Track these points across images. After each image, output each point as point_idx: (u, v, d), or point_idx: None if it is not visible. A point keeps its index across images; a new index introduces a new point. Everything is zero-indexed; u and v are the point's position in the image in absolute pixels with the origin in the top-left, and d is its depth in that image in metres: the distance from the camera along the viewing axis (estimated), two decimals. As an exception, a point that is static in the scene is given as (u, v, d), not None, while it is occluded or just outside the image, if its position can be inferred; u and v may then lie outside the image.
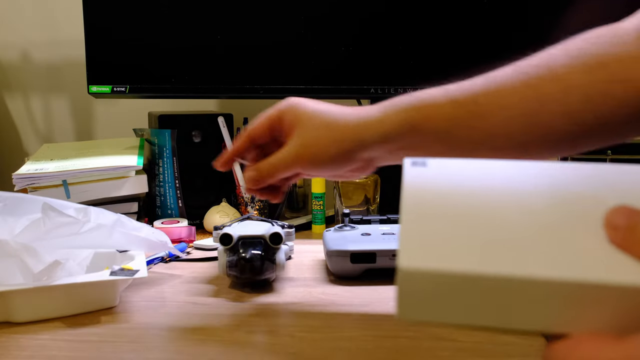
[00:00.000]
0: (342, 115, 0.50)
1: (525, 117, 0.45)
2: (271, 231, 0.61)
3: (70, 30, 1.15)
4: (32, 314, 0.52)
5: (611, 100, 0.43)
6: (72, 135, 1.19)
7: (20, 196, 0.61)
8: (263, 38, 0.88)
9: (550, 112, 0.44)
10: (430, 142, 0.48)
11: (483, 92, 0.46)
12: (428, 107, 0.47)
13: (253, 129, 0.55)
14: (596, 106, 0.43)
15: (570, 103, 0.44)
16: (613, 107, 0.43)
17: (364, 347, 0.47)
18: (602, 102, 0.43)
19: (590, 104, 0.43)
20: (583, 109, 0.43)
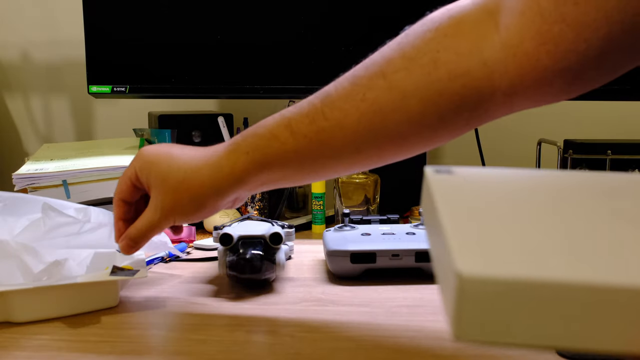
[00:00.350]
0: (194, 168, 0.50)
1: (370, 132, 0.44)
2: (271, 231, 0.61)
3: (70, 30, 1.15)
4: (32, 314, 0.52)
5: (450, 99, 0.41)
6: (72, 135, 1.19)
7: (20, 196, 0.61)
8: (263, 38, 0.88)
9: (395, 122, 0.43)
10: (287, 172, 0.49)
11: (323, 116, 0.46)
12: (270, 146, 0.47)
13: (120, 192, 0.56)
14: (438, 107, 0.42)
15: (411, 109, 0.42)
16: (452, 106, 0.42)
17: (364, 347, 0.47)
18: (442, 103, 0.42)
19: (432, 106, 0.42)
20: (425, 112, 0.42)
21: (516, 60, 0.38)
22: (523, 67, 0.38)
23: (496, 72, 0.40)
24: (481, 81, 0.40)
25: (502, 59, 0.39)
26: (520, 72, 0.38)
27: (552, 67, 0.37)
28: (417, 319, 0.53)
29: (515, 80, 0.39)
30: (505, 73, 0.39)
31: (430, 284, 0.63)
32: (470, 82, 0.40)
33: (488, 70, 0.40)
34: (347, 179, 0.87)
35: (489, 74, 0.40)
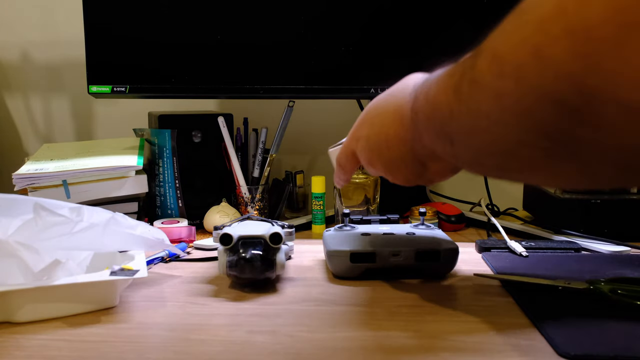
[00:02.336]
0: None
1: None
2: (271, 231, 0.61)
3: (70, 30, 1.15)
4: (32, 314, 0.52)
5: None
6: (72, 135, 1.19)
7: (12, 197, 0.61)
8: (263, 38, 0.88)
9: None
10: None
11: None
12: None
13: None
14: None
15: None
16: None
17: (364, 347, 0.47)
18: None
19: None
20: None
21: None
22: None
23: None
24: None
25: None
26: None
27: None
28: (417, 319, 0.53)
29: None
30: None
31: (430, 284, 0.63)
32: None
33: None
34: (347, 179, 0.87)
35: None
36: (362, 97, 0.96)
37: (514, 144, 0.30)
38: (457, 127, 0.35)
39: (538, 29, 0.26)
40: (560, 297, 0.57)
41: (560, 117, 0.26)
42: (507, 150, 0.31)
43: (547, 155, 0.30)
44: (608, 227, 0.82)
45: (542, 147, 0.29)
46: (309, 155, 1.17)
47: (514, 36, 0.28)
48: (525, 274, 0.63)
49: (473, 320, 0.52)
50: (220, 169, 0.93)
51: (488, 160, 0.34)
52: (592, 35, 0.23)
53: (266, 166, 0.92)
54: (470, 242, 0.81)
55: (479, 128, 0.32)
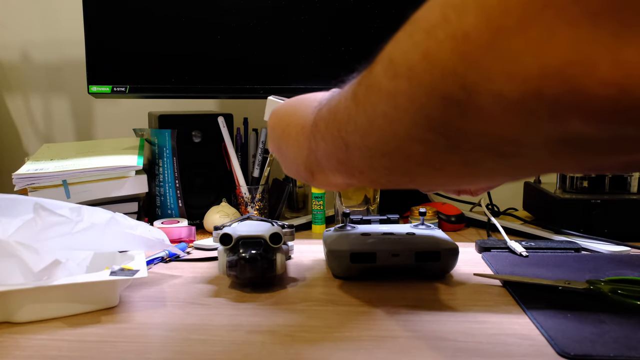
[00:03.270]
0: None
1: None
2: (271, 231, 0.61)
3: (70, 30, 1.15)
4: (32, 314, 0.52)
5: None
6: (72, 135, 1.19)
7: (13, 197, 0.61)
8: (263, 38, 0.88)
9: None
10: None
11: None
12: None
13: None
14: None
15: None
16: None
17: (364, 347, 0.47)
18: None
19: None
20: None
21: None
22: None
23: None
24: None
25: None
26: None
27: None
28: (417, 319, 0.53)
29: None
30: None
31: (430, 284, 0.63)
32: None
33: None
34: (347, 179, 0.87)
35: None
36: (362, 97, 0.96)
37: (405, 140, 0.34)
38: (354, 129, 0.38)
39: (427, 35, 0.30)
40: (560, 297, 0.57)
41: (446, 111, 0.30)
42: (398, 147, 0.35)
43: (433, 149, 0.33)
44: (608, 227, 0.82)
45: (427, 139, 0.33)
46: (309, 155, 1.17)
47: (407, 42, 0.32)
48: (525, 274, 0.63)
49: (473, 320, 0.52)
50: (220, 169, 0.93)
51: (379, 162, 0.38)
52: (470, 38, 0.27)
53: (266, 166, 0.92)
54: (470, 242, 0.81)
55: (374, 128, 0.36)
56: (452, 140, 0.32)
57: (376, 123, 0.35)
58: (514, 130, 0.29)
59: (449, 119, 0.30)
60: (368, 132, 0.37)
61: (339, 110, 0.40)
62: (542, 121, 0.27)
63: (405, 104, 0.32)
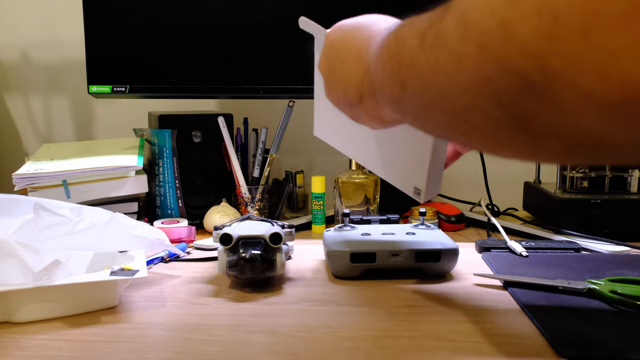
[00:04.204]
0: None
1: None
2: (271, 231, 0.61)
3: (70, 30, 1.15)
4: (32, 314, 0.52)
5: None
6: (72, 135, 1.19)
7: (13, 197, 0.61)
8: (263, 38, 0.88)
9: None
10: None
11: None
12: None
13: None
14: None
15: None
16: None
17: (364, 347, 0.47)
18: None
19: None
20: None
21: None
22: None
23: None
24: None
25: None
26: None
27: None
28: (417, 319, 0.53)
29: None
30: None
31: (430, 284, 0.63)
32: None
33: None
34: (347, 179, 0.87)
35: None
36: (362, 97, 0.96)
37: (467, 107, 0.30)
38: (414, 75, 0.34)
39: (509, 2, 0.26)
40: (560, 297, 0.57)
41: (519, 91, 0.26)
42: (457, 111, 0.31)
43: (498, 125, 0.29)
44: (608, 227, 0.82)
45: (494, 115, 0.29)
46: (309, 155, 1.17)
47: (485, 4, 0.27)
48: (525, 274, 0.63)
49: (473, 320, 0.52)
50: (220, 169, 0.93)
51: (435, 116, 0.34)
52: (559, 17, 0.23)
53: (266, 166, 0.92)
54: (470, 242, 0.81)
55: (435, 82, 0.32)
56: (521, 121, 0.28)
57: (438, 78, 0.31)
58: (601, 130, 0.25)
59: (520, 99, 0.27)
60: (428, 84, 0.33)
61: (405, 46, 0.36)
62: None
63: (471, 71, 0.28)
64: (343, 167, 0.99)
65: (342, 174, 0.89)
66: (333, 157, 1.15)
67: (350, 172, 0.87)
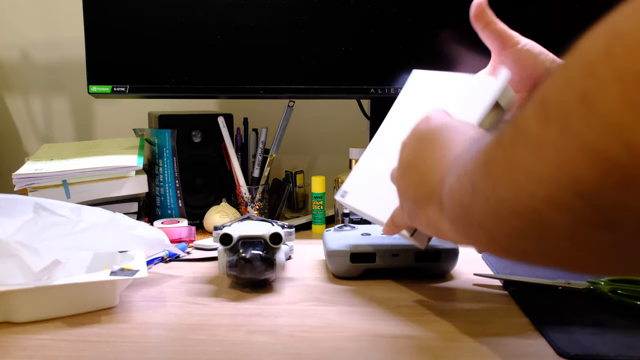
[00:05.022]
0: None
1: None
2: (271, 231, 0.61)
3: (70, 30, 1.15)
4: (32, 314, 0.52)
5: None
6: (72, 135, 1.19)
7: (14, 197, 0.61)
8: (263, 38, 0.88)
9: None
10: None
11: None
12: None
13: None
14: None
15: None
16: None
17: (364, 347, 0.47)
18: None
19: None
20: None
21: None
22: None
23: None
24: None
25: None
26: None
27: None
28: (417, 319, 0.53)
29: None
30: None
31: (430, 284, 0.63)
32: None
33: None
34: (347, 179, 0.87)
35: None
36: (362, 97, 0.96)
37: (542, 201, 0.27)
38: (486, 172, 0.31)
39: (586, 72, 0.23)
40: (560, 297, 0.57)
41: (603, 176, 0.23)
42: (531, 210, 0.28)
43: (579, 222, 0.25)
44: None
45: (575, 211, 0.25)
46: (309, 155, 1.17)
47: (561, 78, 0.25)
48: (525, 274, 0.63)
49: (473, 320, 0.52)
50: (220, 169, 0.93)
51: (505, 220, 0.30)
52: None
53: (266, 166, 0.92)
54: (470, 242, 0.81)
55: (508, 177, 0.29)
56: (606, 214, 0.24)
57: (512, 172, 0.28)
58: None
59: (606, 186, 0.23)
60: (500, 180, 0.30)
61: (482, 145, 0.34)
62: None
63: (550, 156, 0.25)
64: (343, 167, 0.99)
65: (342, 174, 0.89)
66: (333, 157, 1.15)
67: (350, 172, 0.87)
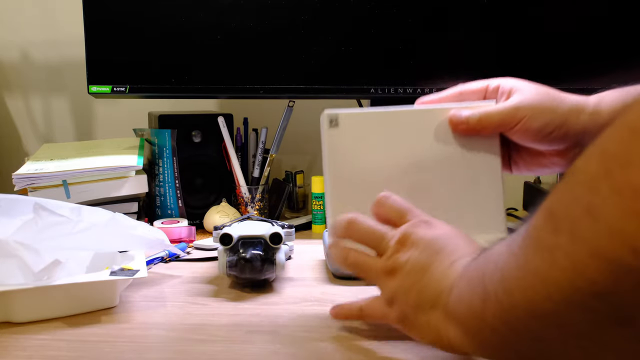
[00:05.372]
0: (560, 93, 0.53)
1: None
2: (271, 231, 0.61)
3: (70, 30, 1.15)
4: (32, 314, 0.52)
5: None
6: (72, 135, 1.19)
7: (14, 197, 0.61)
8: (263, 38, 0.88)
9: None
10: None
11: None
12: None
13: (466, 89, 0.57)
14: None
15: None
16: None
17: (364, 347, 0.47)
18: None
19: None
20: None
21: None
22: None
23: None
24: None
25: None
26: None
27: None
28: (417, 319, 0.52)
29: None
30: None
31: (430, 284, 0.62)
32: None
33: None
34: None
35: None
36: (362, 97, 0.96)
37: (560, 304, 0.29)
38: (499, 279, 0.33)
39: (588, 188, 0.26)
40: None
41: (615, 278, 0.25)
42: (548, 313, 0.29)
43: (598, 321, 0.28)
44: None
45: (592, 310, 0.27)
46: (309, 155, 1.17)
47: (567, 195, 0.28)
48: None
49: (473, 320, 0.52)
50: (220, 169, 0.93)
51: (522, 323, 0.32)
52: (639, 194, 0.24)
53: (266, 166, 0.92)
54: (470, 242, 0.81)
55: (522, 283, 0.31)
56: (624, 311, 0.26)
57: (526, 279, 0.30)
58: None
59: (620, 288, 0.25)
60: (515, 286, 0.31)
61: (491, 255, 0.35)
62: None
63: (564, 263, 0.27)
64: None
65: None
66: (333, 157, 1.14)
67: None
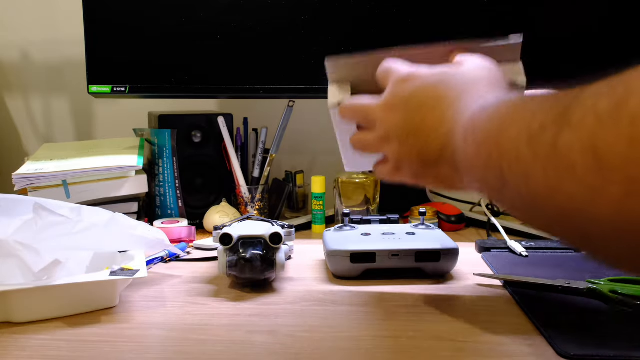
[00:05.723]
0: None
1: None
2: (271, 231, 0.61)
3: (70, 30, 1.15)
4: (32, 314, 0.52)
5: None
6: (72, 135, 1.19)
7: (14, 197, 0.61)
8: (263, 38, 0.88)
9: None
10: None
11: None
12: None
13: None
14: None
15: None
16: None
17: (364, 347, 0.47)
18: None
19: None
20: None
21: None
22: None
23: None
24: None
25: None
26: None
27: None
28: (417, 319, 0.53)
29: None
30: None
31: (431, 284, 0.63)
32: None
33: None
34: (347, 179, 0.87)
35: None
36: (362, 97, 0.96)
37: (593, 224, 0.28)
38: (523, 181, 0.32)
39: (632, 122, 0.25)
40: (560, 297, 0.57)
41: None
42: (578, 228, 0.29)
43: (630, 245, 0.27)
44: (608, 227, 0.82)
45: (626, 236, 0.27)
46: (309, 155, 1.17)
47: (613, 129, 0.26)
48: (525, 274, 0.63)
49: (473, 320, 0.52)
50: (220, 169, 0.93)
51: (546, 223, 0.32)
52: None
53: (266, 166, 0.92)
54: (470, 242, 0.81)
55: (555, 202, 0.30)
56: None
57: (560, 199, 0.29)
58: None
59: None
60: (544, 199, 0.30)
61: (508, 138, 0.33)
62: None
63: (612, 210, 0.26)
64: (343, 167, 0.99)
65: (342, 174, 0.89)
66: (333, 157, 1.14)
67: (350, 172, 0.87)
